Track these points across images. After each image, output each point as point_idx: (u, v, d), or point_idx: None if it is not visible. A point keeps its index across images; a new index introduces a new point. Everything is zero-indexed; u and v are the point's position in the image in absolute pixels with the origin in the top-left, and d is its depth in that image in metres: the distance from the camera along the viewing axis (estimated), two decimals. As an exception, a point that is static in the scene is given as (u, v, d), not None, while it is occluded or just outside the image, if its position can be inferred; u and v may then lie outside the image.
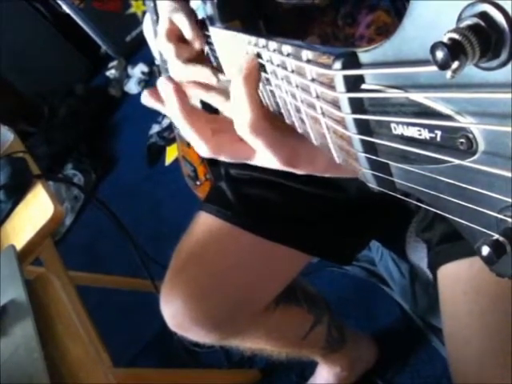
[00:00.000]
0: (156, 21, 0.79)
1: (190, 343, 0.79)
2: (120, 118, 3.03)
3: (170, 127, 2.25)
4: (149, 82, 2.99)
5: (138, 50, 3.17)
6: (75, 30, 3.27)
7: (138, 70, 3.06)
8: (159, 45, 0.63)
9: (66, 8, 3.11)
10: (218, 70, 0.60)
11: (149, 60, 2.82)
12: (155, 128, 2.47)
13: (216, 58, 0.58)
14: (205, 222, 0.78)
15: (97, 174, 2.58)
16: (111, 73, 3.30)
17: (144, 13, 3.05)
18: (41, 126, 2.99)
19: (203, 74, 0.62)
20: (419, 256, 1.06)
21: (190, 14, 0.60)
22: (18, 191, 0.96)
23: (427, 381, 1.05)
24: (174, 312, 0.74)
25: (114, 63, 3.33)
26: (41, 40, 3.27)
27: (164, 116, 2.44)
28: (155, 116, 2.52)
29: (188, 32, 0.59)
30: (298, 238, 0.75)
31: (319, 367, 1.13)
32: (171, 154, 2.26)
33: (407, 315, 1.16)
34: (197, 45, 0.59)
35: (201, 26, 0.60)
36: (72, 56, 3.48)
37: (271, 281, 0.79)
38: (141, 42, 1.28)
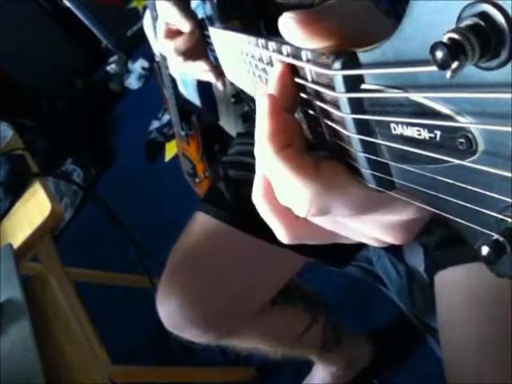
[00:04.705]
0: (156, 18, 0.79)
1: (186, 341, 0.79)
2: (120, 114, 3.02)
3: (170, 123, 2.25)
4: (149, 77, 2.99)
5: (139, 45, 3.17)
6: (76, 24, 3.27)
7: (139, 66, 3.06)
8: (159, 46, 0.63)
9: (66, 2, 3.11)
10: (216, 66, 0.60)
11: (149, 55, 2.82)
12: (155, 124, 2.47)
13: (215, 58, 0.58)
14: (202, 222, 0.78)
15: (96, 169, 2.58)
16: (111, 67, 3.30)
17: (145, 8, 3.04)
18: (40, 121, 2.99)
19: (200, 67, 0.62)
20: (416, 259, 1.06)
21: (185, 9, 0.60)
22: (16, 189, 0.96)
23: (423, 380, 1.06)
24: (169, 312, 0.74)
25: (115, 58, 3.33)
26: (41, 34, 3.27)
27: (164, 112, 2.44)
28: (155, 112, 2.51)
29: (181, 22, 0.58)
30: None
31: (315, 366, 1.13)
32: (171, 150, 2.26)
33: (404, 315, 1.16)
34: (191, 31, 0.58)
35: (200, 25, 0.60)
36: (72, 50, 3.48)
37: (267, 282, 0.79)
38: (141, 36, 1.28)
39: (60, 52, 3.39)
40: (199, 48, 0.61)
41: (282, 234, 0.28)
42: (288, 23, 0.23)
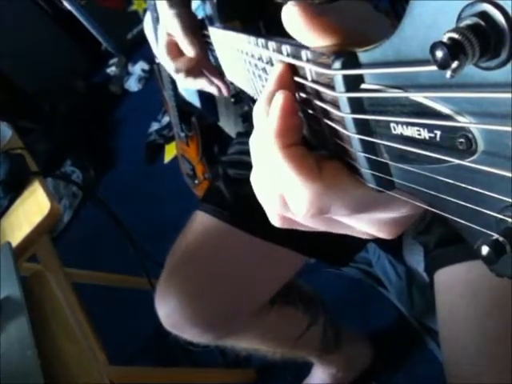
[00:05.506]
0: (156, 19, 0.79)
1: (185, 342, 0.79)
2: (120, 116, 3.02)
3: (169, 125, 2.25)
4: (149, 79, 2.99)
5: (139, 48, 3.17)
6: (76, 27, 3.28)
7: (139, 68, 3.07)
8: (160, 58, 0.63)
9: (67, 5, 3.11)
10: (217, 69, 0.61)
11: (149, 58, 2.82)
12: (154, 126, 2.47)
13: (215, 57, 0.58)
14: (201, 221, 0.78)
15: (96, 171, 2.58)
16: (112, 70, 3.30)
17: (145, 10, 3.05)
18: (41, 122, 2.99)
19: (201, 85, 0.62)
20: (415, 259, 1.06)
21: (189, 24, 0.60)
22: (15, 188, 0.96)
23: (422, 382, 1.05)
24: (168, 311, 0.73)
25: (115, 60, 3.34)
26: (42, 36, 3.27)
27: (163, 114, 2.44)
28: (154, 114, 2.52)
29: (184, 44, 0.59)
30: (295, 239, 0.75)
31: (315, 368, 1.13)
32: (170, 152, 2.26)
33: (403, 317, 1.16)
34: (194, 56, 0.59)
35: (200, 25, 0.60)
36: (73, 53, 3.48)
37: (267, 281, 0.79)
38: (141, 39, 1.29)
39: (61, 54, 3.39)
40: (201, 66, 0.61)
41: (277, 222, 0.29)
42: (290, 11, 0.23)
